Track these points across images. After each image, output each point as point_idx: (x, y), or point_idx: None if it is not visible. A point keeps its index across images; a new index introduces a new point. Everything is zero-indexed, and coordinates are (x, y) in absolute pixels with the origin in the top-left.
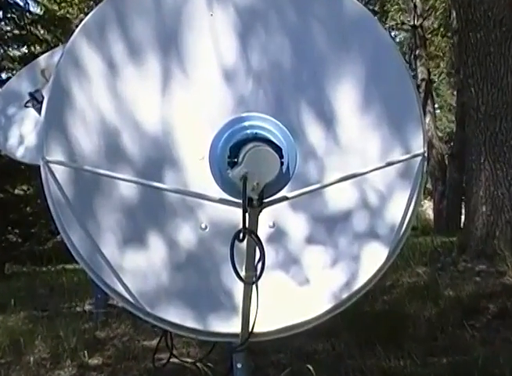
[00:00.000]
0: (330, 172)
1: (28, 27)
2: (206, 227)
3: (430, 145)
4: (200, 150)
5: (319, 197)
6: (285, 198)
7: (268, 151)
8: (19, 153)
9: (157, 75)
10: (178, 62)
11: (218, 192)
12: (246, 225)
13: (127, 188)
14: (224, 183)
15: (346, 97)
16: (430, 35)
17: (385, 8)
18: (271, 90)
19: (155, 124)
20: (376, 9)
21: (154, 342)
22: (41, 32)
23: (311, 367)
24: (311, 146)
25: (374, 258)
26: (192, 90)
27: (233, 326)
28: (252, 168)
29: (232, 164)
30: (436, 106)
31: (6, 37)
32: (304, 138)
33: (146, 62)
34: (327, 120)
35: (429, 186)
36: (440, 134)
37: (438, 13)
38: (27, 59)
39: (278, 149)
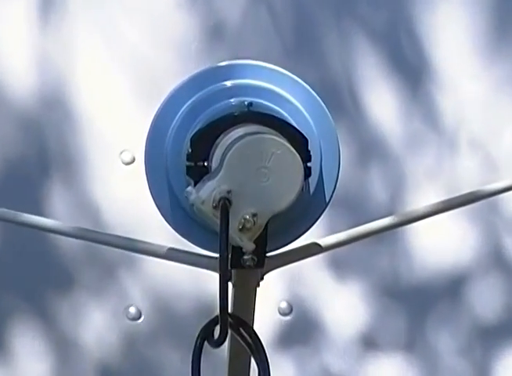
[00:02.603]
0: (419, 190)
1: None
2: (139, 315)
3: None
4: (129, 141)
5: (396, 244)
6: (317, 248)
7: (276, 145)
8: None
9: None
10: None
11: (165, 234)
12: (229, 308)
13: None
14: (179, 215)
15: (450, 30)
16: None
17: None
18: (286, 11)
19: (29, 85)
20: None
21: None
22: None
23: None
24: (373, 134)
25: None
26: (111, 8)
27: None
28: (241, 183)
29: (198, 173)
30: None
31: None
32: (358, 117)
33: None
34: (410, 78)
35: None
36: None
37: None
38: None
39: (300, 140)
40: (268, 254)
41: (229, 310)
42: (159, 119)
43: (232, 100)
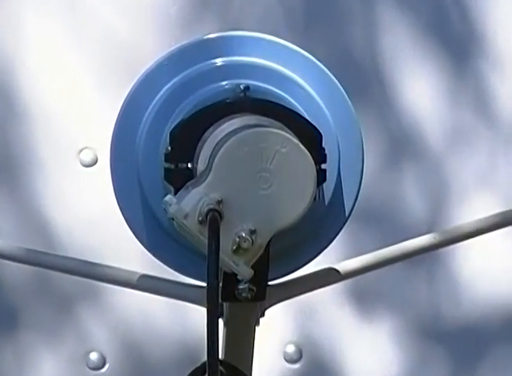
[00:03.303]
0: (467, 199)
1: None
2: (103, 362)
3: None
4: (90, 137)
5: (437, 269)
6: (334, 275)
7: (281, 141)
8: None
9: None
10: None
11: (137, 256)
12: (220, 353)
13: None
14: (155, 232)
15: None
16: None
17: None
18: None
19: None
20: None
21: None
22: None
23: None
24: (407, 128)
25: None
26: None
27: None
28: (236, 191)
29: (180, 178)
30: None
31: None
32: (387, 105)
33: None
34: (455, 54)
35: None
36: None
37: None
38: None
39: (311, 135)
40: (271, 284)
41: (220, 356)
42: (129, 108)
43: (223, 83)
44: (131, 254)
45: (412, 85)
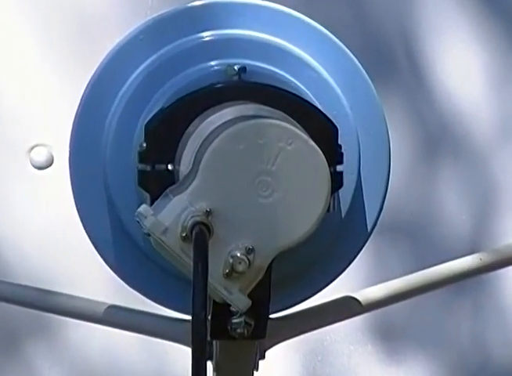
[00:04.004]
0: None
1: None
2: None
3: None
4: (44, 132)
5: (483, 298)
6: (353, 306)
7: (286, 136)
8: None
9: None
10: None
11: (104, 282)
12: None
13: None
14: (125, 251)
15: None
16: None
17: None
18: None
19: None
20: None
21: None
22: None
23: None
24: (446, 120)
25: None
26: None
27: None
28: (228, 199)
29: (158, 183)
30: None
31: None
32: (420, 90)
33: None
34: (505, 28)
35: None
36: None
37: None
38: None
39: (324, 129)
40: (273, 317)
41: None
42: (93, 95)
43: (213, 63)
44: (97, 280)
45: (450, 65)
